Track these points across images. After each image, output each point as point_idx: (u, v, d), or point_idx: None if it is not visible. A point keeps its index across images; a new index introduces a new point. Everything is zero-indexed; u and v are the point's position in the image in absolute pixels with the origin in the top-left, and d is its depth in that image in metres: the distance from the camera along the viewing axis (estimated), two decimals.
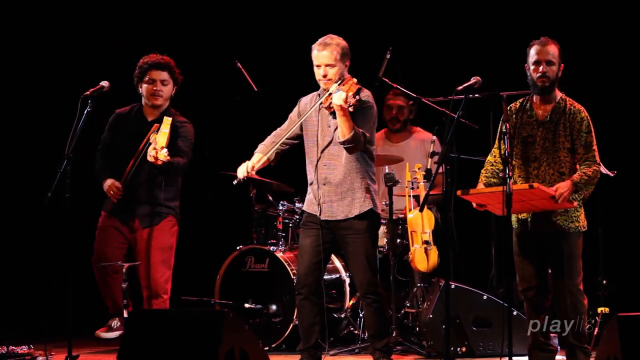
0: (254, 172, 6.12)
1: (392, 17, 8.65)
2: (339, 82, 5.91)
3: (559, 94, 5.87)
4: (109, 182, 6.72)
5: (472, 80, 5.67)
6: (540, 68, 5.77)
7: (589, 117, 5.81)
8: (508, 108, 5.90)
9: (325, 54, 5.95)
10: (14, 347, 6.97)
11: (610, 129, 7.21)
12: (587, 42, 8.16)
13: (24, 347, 7.02)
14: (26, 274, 9.05)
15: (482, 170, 5.99)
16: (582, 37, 8.13)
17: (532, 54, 5.81)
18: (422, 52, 8.51)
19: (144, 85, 6.81)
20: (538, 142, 5.83)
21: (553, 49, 5.80)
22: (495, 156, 5.95)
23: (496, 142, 5.93)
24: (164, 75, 6.81)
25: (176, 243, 6.84)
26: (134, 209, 6.74)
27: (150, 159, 6.36)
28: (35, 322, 7.99)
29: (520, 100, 5.97)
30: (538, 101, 5.87)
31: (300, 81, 6.41)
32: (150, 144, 6.45)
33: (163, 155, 6.29)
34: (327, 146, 6.00)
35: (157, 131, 6.45)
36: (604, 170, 6.77)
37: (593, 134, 5.80)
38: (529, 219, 5.83)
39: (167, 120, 6.46)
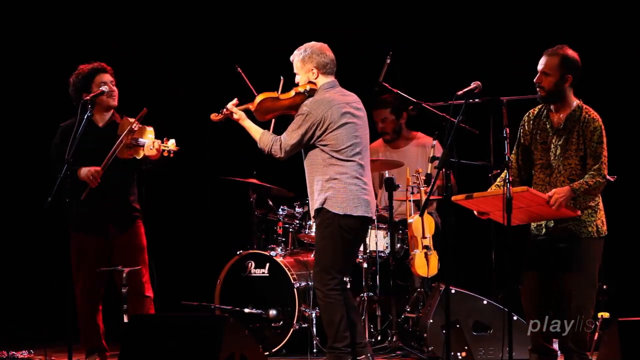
0: None
1: (392, 21, 8.65)
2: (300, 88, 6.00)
3: (575, 101, 5.83)
4: (85, 168, 6.37)
5: (472, 85, 5.68)
6: (536, 78, 5.79)
7: (603, 128, 5.77)
8: (527, 114, 5.92)
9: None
10: (14, 352, 6.98)
11: (609, 133, 7.20)
12: (586, 45, 8.14)
13: (24, 351, 7.03)
14: (26, 279, 9.05)
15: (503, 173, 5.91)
16: (581, 41, 8.11)
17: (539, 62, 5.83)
18: (422, 56, 8.51)
19: (97, 91, 6.47)
20: (552, 149, 5.82)
21: (552, 61, 5.77)
22: (512, 162, 5.89)
23: (514, 147, 5.91)
24: (110, 77, 6.58)
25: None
26: (105, 216, 6.51)
27: (152, 152, 6.21)
28: (35, 327, 7.99)
29: (539, 106, 5.95)
30: (554, 108, 5.87)
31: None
32: (127, 143, 6.32)
33: (173, 144, 6.22)
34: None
35: (131, 131, 6.30)
36: None
37: (605, 145, 5.74)
38: (543, 225, 5.81)
39: (133, 121, 6.33)
